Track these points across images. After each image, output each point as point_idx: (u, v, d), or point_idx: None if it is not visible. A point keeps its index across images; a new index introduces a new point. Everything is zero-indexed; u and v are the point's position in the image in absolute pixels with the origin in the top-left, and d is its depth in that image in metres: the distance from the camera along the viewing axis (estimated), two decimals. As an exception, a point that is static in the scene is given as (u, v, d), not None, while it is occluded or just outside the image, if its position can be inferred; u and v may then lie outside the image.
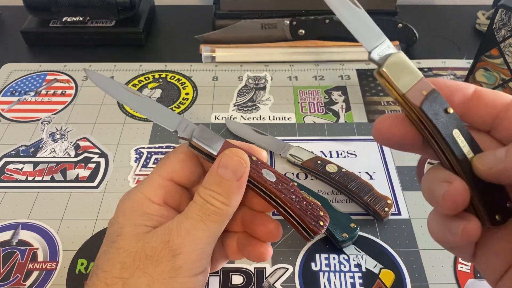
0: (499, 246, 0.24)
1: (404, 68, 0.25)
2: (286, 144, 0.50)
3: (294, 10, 0.67)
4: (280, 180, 0.29)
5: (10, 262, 0.41)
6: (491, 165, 0.22)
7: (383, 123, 0.25)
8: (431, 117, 0.24)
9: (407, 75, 0.25)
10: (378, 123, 0.26)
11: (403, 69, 0.25)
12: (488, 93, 0.25)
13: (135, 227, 0.28)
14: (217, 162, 0.28)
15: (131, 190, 0.30)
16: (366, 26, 0.26)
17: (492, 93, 0.25)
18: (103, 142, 0.52)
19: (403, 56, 0.25)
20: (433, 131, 0.24)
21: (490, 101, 0.24)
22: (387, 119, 0.26)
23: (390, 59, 0.25)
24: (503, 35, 0.52)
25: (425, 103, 0.24)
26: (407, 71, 0.25)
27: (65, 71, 0.63)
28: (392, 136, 0.25)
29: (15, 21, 0.72)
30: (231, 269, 0.40)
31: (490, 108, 0.24)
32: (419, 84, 0.25)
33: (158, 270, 0.26)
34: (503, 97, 0.24)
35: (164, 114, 0.29)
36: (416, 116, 0.25)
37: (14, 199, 0.46)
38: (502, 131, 0.24)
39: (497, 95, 0.25)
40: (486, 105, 0.25)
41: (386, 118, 0.26)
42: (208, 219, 0.27)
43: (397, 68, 0.25)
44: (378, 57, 0.25)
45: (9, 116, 0.56)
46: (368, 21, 0.27)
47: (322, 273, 0.40)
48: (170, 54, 0.67)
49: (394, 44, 0.63)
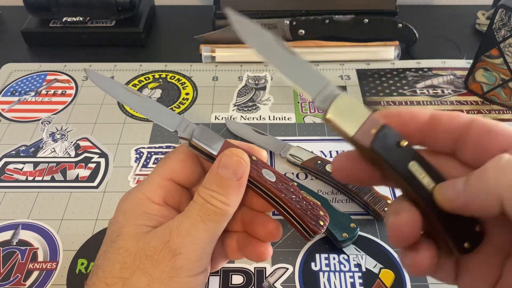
0: (477, 269, 0.24)
1: (350, 109, 0.24)
2: (286, 144, 0.50)
3: (294, 10, 0.67)
4: (280, 180, 0.29)
5: (10, 262, 0.41)
6: (451, 198, 0.22)
7: (340, 163, 0.25)
8: (383, 155, 0.23)
9: (353, 116, 0.24)
10: (335, 163, 0.26)
11: (349, 111, 0.24)
12: (444, 117, 0.24)
13: (135, 227, 0.28)
14: (217, 162, 0.28)
15: (131, 190, 0.30)
16: (305, 73, 0.26)
17: (448, 117, 0.24)
18: (103, 142, 0.52)
19: (347, 97, 0.25)
20: (388, 167, 0.24)
21: (448, 125, 0.24)
22: (343, 159, 0.25)
23: (334, 104, 0.24)
24: (503, 35, 0.52)
25: (375, 142, 0.24)
26: (353, 112, 0.24)
27: (65, 71, 0.63)
28: (350, 175, 0.25)
29: (15, 21, 0.72)
30: (231, 269, 0.40)
31: (449, 132, 0.24)
32: (367, 123, 0.24)
33: (158, 270, 0.26)
34: (460, 119, 0.24)
35: (164, 114, 0.29)
36: (369, 155, 0.24)
37: (14, 199, 0.46)
38: (466, 153, 0.24)
39: (454, 118, 0.24)
40: (445, 130, 0.24)
41: (342, 158, 0.26)
42: (208, 219, 0.27)
43: (342, 111, 0.24)
44: (322, 104, 0.25)
45: (9, 116, 0.56)
46: (307, 67, 0.26)
47: (322, 273, 0.40)
48: (170, 54, 0.67)
49: (394, 44, 0.63)
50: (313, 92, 0.25)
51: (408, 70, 0.62)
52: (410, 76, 0.61)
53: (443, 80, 0.60)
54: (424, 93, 0.58)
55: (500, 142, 0.22)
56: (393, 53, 0.63)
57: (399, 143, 0.24)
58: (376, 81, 0.61)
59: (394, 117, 0.25)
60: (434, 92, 0.58)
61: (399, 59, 0.64)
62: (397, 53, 0.64)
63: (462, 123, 0.23)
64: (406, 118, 0.25)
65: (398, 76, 0.61)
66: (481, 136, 0.23)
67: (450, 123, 0.24)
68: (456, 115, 0.24)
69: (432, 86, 0.60)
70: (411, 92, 0.59)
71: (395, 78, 0.61)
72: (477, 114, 0.55)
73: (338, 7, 0.67)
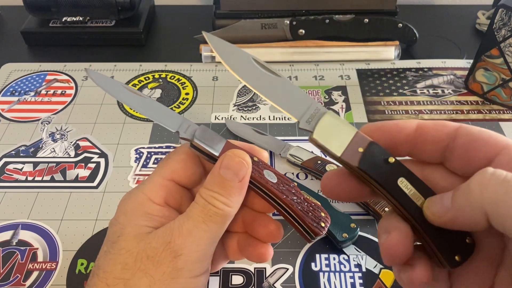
0: (470, 280, 0.24)
1: (335, 129, 0.24)
2: (286, 144, 0.50)
3: (294, 10, 0.67)
4: (282, 181, 0.28)
5: (10, 262, 0.41)
6: (439, 214, 0.22)
7: (329, 181, 0.26)
8: (371, 173, 0.24)
9: (339, 135, 0.24)
10: (324, 180, 0.26)
11: (334, 131, 0.24)
12: (431, 127, 0.24)
13: (137, 227, 0.28)
14: (219, 163, 0.28)
15: (132, 190, 0.30)
16: (289, 95, 0.26)
17: (434, 127, 0.24)
18: (103, 142, 0.52)
19: (332, 116, 0.25)
20: (376, 185, 0.24)
21: (434, 136, 0.24)
22: (332, 176, 0.26)
23: (319, 125, 0.24)
24: (503, 35, 0.52)
25: (363, 161, 0.24)
26: (339, 131, 0.24)
27: (65, 71, 0.63)
28: (340, 192, 0.26)
29: (15, 21, 0.72)
30: (231, 269, 0.40)
31: (435, 143, 0.24)
32: (354, 142, 0.24)
33: (160, 271, 0.26)
34: (446, 129, 0.24)
35: (166, 114, 0.29)
36: (357, 173, 0.24)
37: (14, 199, 0.46)
38: (454, 162, 0.24)
39: (440, 128, 0.24)
40: (431, 141, 0.24)
41: (331, 176, 0.26)
42: (209, 220, 0.27)
43: (327, 131, 0.24)
44: (307, 124, 0.25)
45: (9, 116, 0.56)
46: (291, 88, 0.26)
47: (322, 273, 0.40)
48: (170, 54, 0.67)
49: (394, 44, 0.63)
50: (297, 114, 0.25)
51: (408, 70, 0.62)
52: (410, 76, 0.61)
53: (443, 80, 0.60)
54: (424, 93, 0.58)
55: (485, 151, 0.22)
56: (393, 53, 0.63)
57: (387, 160, 0.24)
58: (376, 81, 0.61)
59: (380, 130, 0.25)
60: (434, 92, 0.58)
61: (399, 59, 0.64)
62: (397, 53, 0.64)
63: (448, 133, 0.23)
64: (392, 131, 0.25)
65: (398, 76, 0.61)
66: (467, 146, 0.23)
67: (436, 134, 0.24)
68: (442, 124, 0.24)
69: (432, 86, 0.60)
70: (411, 92, 0.59)
71: (395, 78, 0.61)
72: (476, 115, 0.55)
73: (338, 7, 0.67)
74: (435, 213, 0.22)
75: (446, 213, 0.22)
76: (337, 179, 0.25)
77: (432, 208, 0.23)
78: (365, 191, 0.26)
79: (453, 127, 0.24)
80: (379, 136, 0.24)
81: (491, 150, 0.22)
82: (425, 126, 0.24)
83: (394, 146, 0.25)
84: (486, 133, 0.23)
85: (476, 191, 0.20)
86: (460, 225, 0.21)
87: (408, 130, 0.24)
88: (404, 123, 0.25)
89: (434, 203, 0.23)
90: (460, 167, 0.24)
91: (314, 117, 0.25)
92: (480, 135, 0.23)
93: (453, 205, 0.21)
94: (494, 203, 0.19)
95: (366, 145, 0.24)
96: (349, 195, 0.26)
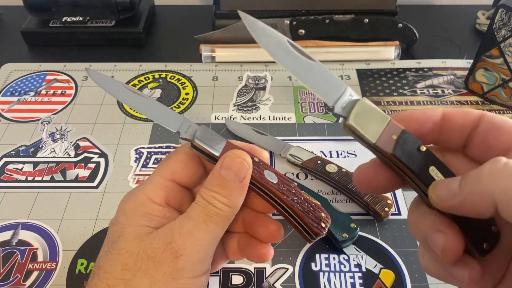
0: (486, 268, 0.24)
1: (370, 115, 0.24)
2: (286, 144, 0.50)
3: (294, 10, 0.67)
4: (282, 181, 0.28)
5: (10, 262, 0.41)
6: (445, 198, 0.22)
7: (363, 173, 0.26)
8: (405, 160, 0.24)
9: (374, 122, 0.24)
10: (356, 175, 0.26)
11: (370, 117, 0.24)
12: (456, 115, 0.24)
13: (137, 227, 0.28)
14: (220, 163, 0.28)
15: (132, 190, 0.30)
16: (324, 79, 0.26)
17: (460, 114, 0.24)
18: (103, 142, 0.52)
19: (367, 102, 0.25)
20: (409, 173, 0.24)
21: (460, 123, 0.24)
22: (364, 169, 0.26)
23: (355, 110, 0.24)
24: (503, 35, 0.52)
25: (397, 148, 0.24)
26: (373, 118, 0.24)
27: (65, 71, 0.63)
28: (373, 185, 0.26)
29: (15, 21, 0.72)
30: (231, 269, 0.40)
31: (461, 130, 0.24)
32: (388, 129, 0.24)
33: (160, 271, 0.26)
34: (471, 115, 0.24)
35: (166, 114, 0.29)
36: (391, 161, 0.24)
37: (14, 199, 0.46)
38: (474, 149, 0.24)
39: (465, 115, 0.24)
40: (458, 128, 0.24)
41: (363, 169, 0.26)
42: (210, 220, 0.27)
43: (363, 117, 0.24)
44: (342, 110, 0.25)
45: (9, 116, 0.56)
46: (326, 73, 0.26)
47: (322, 273, 0.40)
48: (170, 54, 0.67)
49: (394, 44, 0.63)
50: (331, 99, 0.25)
51: (408, 70, 0.62)
52: (410, 76, 0.61)
53: (443, 80, 0.60)
54: (424, 93, 0.58)
55: (504, 140, 0.23)
56: (393, 53, 0.63)
57: (419, 148, 0.24)
58: (376, 81, 0.61)
59: (408, 119, 0.25)
60: (434, 92, 0.58)
61: (399, 59, 0.64)
62: (397, 53, 0.64)
63: (473, 120, 0.24)
64: (419, 120, 0.25)
65: (398, 76, 0.61)
66: (487, 134, 0.23)
67: (461, 121, 0.24)
68: (467, 112, 0.24)
69: (432, 86, 0.60)
70: (411, 92, 0.59)
71: (395, 78, 0.61)
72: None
73: (338, 7, 0.67)
74: (441, 197, 0.22)
75: (452, 198, 0.21)
76: (369, 172, 0.25)
77: (439, 192, 0.22)
78: (396, 181, 0.25)
79: (477, 114, 0.24)
80: (407, 125, 0.24)
81: (510, 140, 0.22)
82: (450, 114, 0.24)
83: (422, 135, 0.25)
84: (508, 122, 0.23)
85: (487, 179, 0.20)
86: (465, 211, 0.21)
87: (435, 119, 0.25)
88: (431, 111, 0.25)
89: (442, 187, 0.23)
90: (479, 154, 0.24)
91: (348, 103, 0.25)
92: (502, 123, 0.23)
93: (461, 190, 0.21)
94: (505, 193, 0.19)
95: (400, 133, 0.24)
96: (380, 186, 0.26)
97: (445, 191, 0.22)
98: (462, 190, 0.21)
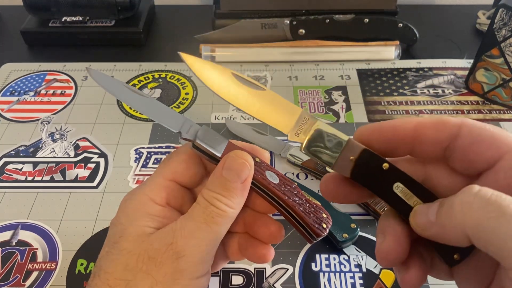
0: (470, 273, 0.24)
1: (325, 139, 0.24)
2: (286, 144, 0.50)
3: (294, 9, 0.66)
4: (284, 182, 0.28)
5: (10, 262, 0.41)
6: (423, 226, 0.22)
7: (327, 184, 0.26)
8: (364, 181, 0.23)
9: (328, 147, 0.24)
10: (322, 184, 0.26)
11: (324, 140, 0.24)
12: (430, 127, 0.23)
13: (138, 228, 0.27)
14: (222, 164, 0.27)
15: (133, 191, 0.30)
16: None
17: (434, 127, 0.23)
18: (103, 142, 0.52)
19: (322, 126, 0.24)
20: (373, 190, 0.23)
21: (435, 136, 0.23)
22: (329, 180, 0.26)
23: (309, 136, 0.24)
24: (504, 35, 0.52)
25: (355, 171, 0.23)
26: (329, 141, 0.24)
27: (64, 71, 0.63)
28: (338, 195, 0.26)
29: (15, 21, 0.71)
30: (231, 270, 0.40)
31: (436, 143, 0.23)
32: (346, 150, 0.23)
33: (162, 272, 0.26)
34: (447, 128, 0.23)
35: (167, 114, 0.29)
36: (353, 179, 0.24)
37: (14, 199, 0.46)
38: (456, 162, 0.23)
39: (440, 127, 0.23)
40: (432, 141, 0.23)
41: (329, 179, 0.26)
42: (212, 221, 0.27)
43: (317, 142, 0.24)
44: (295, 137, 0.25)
45: (8, 116, 0.56)
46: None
47: (322, 273, 0.40)
48: (170, 54, 0.67)
49: (394, 44, 0.63)
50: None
51: (409, 70, 0.62)
52: (411, 76, 0.61)
53: (443, 80, 0.60)
54: (425, 93, 0.58)
55: (487, 155, 0.22)
56: (394, 53, 0.63)
57: (381, 166, 0.23)
58: (377, 81, 0.60)
59: (376, 133, 0.24)
60: (435, 92, 0.58)
61: (399, 59, 0.64)
62: (398, 53, 0.63)
63: (450, 134, 0.23)
64: (388, 133, 0.24)
65: (398, 76, 0.61)
66: (467, 148, 0.22)
67: (436, 134, 0.23)
68: (442, 123, 0.23)
69: (432, 86, 0.59)
70: (412, 92, 0.59)
71: (395, 78, 0.61)
72: (476, 115, 0.55)
73: (339, 6, 0.66)
74: (420, 225, 0.22)
75: (430, 227, 0.21)
76: (335, 183, 0.25)
77: (418, 219, 0.22)
78: (363, 194, 0.25)
79: (454, 126, 0.23)
80: (376, 139, 0.24)
81: (493, 154, 0.22)
82: (423, 126, 0.23)
83: (392, 148, 0.24)
84: (489, 133, 0.22)
85: (459, 211, 0.20)
86: (444, 241, 0.21)
87: (406, 132, 0.24)
88: (401, 124, 0.24)
89: (420, 214, 0.22)
90: (462, 168, 0.23)
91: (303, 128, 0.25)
92: (482, 135, 0.22)
93: (436, 221, 0.21)
94: (475, 227, 0.19)
95: (359, 153, 0.23)
96: (348, 197, 0.26)
97: (423, 219, 0.22)
98: (437, 221, 0.21)
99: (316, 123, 0.24)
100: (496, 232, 0.18)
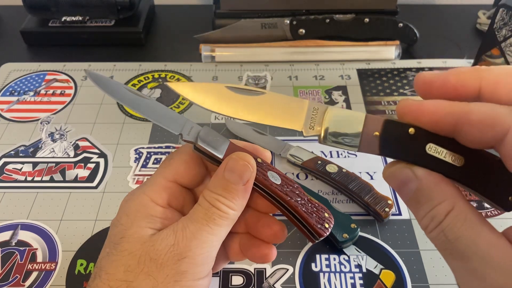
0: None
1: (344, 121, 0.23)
2: (286, 144, 0.50)
3: (294, 9, 0.66)
4: (285, 183, 0.28)
5: (10, 262, 0.41)
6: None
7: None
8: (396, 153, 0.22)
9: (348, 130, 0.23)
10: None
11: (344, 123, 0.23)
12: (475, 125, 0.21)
13: (139, 229, 0.27)
14: (223, 166, 0.27)
15: (134, 191, 0.29)
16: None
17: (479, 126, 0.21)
18: (103, 142, 0.52)
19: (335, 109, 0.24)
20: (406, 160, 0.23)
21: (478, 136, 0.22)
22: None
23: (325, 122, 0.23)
24: (504, 34, 0.51)
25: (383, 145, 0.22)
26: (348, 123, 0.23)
27: (64, 71, 0.63)
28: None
29: (15, 21, 0.71)
30: (231, 270, 0.40)
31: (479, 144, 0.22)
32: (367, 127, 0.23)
33: (163, 273, 0.26)
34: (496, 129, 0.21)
35: (168, 116, 0.29)
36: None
37: (13, 199, 0.46)
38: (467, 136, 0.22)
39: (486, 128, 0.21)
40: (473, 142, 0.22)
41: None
42: (213, 223, 0.27)
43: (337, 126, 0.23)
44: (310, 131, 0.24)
45: (8, 116, 0.56)
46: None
47: (322, 273, 0.40)
48: (170, 54, 0.67)
49: (394, 44, 0.63)
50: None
51: (409, 70, 0.62)
52: (411, 76, 0.61)
53: (443, 80, 0.60)
54: (425, 93, 0.58)
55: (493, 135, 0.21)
56: (394, 53, 0.63)
57: (408, 131, 0.22)
58: (377, 81, 0.60)
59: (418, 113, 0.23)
60: (435, 92, 0.58)
61: (399, 59, 0.64)
62: (398, 53, 0.63)
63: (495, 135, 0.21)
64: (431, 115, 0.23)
65: (398, 76, 0.61)
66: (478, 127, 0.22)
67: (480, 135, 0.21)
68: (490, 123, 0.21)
69: (432, 86, 0.59)
70: (412, 92, 0.58)
71: (395, 78, 0.61)
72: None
73: (339, 6, 0.66)
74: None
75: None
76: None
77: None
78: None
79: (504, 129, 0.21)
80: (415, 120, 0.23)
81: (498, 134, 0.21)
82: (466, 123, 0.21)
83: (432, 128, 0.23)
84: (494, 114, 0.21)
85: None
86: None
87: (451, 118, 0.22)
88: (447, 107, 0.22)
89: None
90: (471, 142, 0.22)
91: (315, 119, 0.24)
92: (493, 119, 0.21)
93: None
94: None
95: (381, 126, 0.22)
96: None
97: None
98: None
99: (327, 110, 0.24)
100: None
